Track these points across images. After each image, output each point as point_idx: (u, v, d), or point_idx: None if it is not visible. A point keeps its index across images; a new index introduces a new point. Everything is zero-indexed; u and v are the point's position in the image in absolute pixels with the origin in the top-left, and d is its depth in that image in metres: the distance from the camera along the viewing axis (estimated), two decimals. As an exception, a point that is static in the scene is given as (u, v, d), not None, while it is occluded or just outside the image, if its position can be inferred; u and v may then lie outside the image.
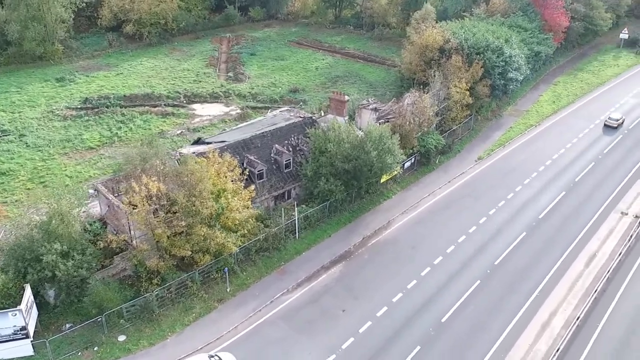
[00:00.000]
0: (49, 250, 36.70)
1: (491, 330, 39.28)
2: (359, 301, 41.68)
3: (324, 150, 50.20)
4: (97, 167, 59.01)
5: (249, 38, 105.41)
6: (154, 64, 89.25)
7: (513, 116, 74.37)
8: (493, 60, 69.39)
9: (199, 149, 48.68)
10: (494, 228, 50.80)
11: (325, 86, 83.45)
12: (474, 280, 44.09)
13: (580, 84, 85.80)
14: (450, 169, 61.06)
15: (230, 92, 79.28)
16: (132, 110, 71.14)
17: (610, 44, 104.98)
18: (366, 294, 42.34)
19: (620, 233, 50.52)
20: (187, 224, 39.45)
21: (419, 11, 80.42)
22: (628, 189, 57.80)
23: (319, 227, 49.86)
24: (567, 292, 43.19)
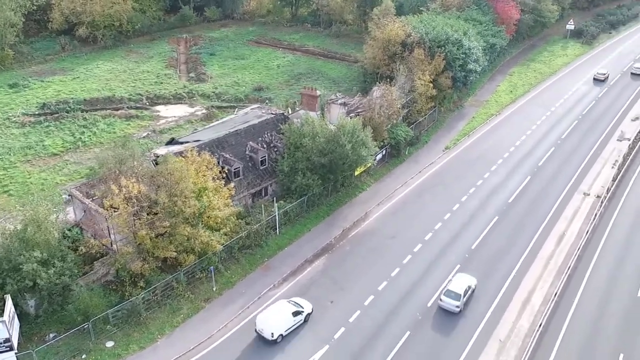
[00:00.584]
0: (28, 258, 35.52)
1: (476, 311, 40.56)
2: (345, 292, 42.20)
3: (300, 145, 50.46)
4: (63, 174, 57.13)
5: (207, 38, 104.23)
6: (111, 66, 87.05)
7: (474, 106, 76.61)
8: (454, 52, 71.33)
9: (174, 149, 48.04)
10: (467, 214, 52.34)
11: (288, 84, 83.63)
12: (454, 265, 45.37)
13: (534, 73, 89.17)
14: (420, 159, 62.43)
15: (193, 92, 78.28)
16: (93, 114, 69.21)
17: (557, 35, 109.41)
18: (352, 285, 42.90)
19: (585, 213, 52.98)
20: (171, 225, 38.88)
21: (379, 7, 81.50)
22: (587, 171, 60.63)
23: (298, 222, 50.09)
24: (542, 271, 45.03)
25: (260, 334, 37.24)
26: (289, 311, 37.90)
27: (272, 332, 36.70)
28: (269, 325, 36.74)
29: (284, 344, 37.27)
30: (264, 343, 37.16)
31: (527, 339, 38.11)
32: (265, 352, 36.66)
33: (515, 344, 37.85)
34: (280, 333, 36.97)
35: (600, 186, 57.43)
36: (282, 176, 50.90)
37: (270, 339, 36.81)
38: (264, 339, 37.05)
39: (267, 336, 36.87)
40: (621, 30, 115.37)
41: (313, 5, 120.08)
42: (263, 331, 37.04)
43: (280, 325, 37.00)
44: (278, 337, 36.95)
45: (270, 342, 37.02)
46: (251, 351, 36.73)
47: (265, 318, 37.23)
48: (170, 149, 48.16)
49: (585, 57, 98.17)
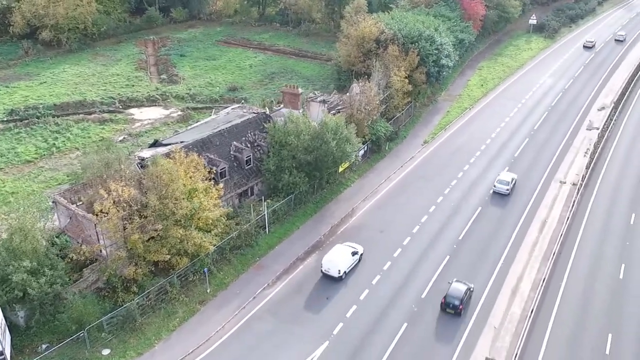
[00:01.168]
0: (17, 268, 34.40)
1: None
2: (340, 287, 42.37)
3: (285, 143, 50.32)
4: (39, 181, 55.52)
5: (175, 39, 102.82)
6: (79, 70, 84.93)
7: (447, 101, 77.94)
8: (427, 48, 72.37)
9: (158, 151, 47.20)
10: (451, 205, 53.26)
11: (262, 83, 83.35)
12: (444, 256, 46.11)
13: (502, 67, 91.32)
14: (400, 154, 63.16)
15: (167, 94, 77.14)
16: (66, 119, 67.45)
17: (520, 29, 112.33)
18: (346, 280, 43.08)
19: (563, 200, 54.63)
20: (163, 227, 38.24)
21: (351, 4, 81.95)
22: (561, 160, 62.53)
23: (287, 221, 49.99)
24: (528, 257, 46.24)
25: (326, 273, 42.70)
26: (349, 252, 43.65)
27: (339, 269, 42.35)
28: (335, 265, 42.32)
29: (346, 279, 42.93)
30: (330, 280, 42.68)
31: (520, 325, 39.07)
32: (332, 286, 42.28)
33: (509, 330, 38.76)
34: (345, 270, 42.71)
35: (575, 174, 59.30)
36: (268, 175, 50.68)
37: (337, 275, 42.39)
38: (330, 277, 42.54)
39: (333, 274, 42.45)
40: (580, 23, 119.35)
41: (280, 4, 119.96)
42: (330, 270, 42.56)
43: (344, 264, 42.73)
44: (343, 274, 42.40)
45: (336, 278, 42.32)
46: (320, 287, 42.34)
47: (330, 259, 42.57)
48: (154, 151, 47.30)
49: (549, 51, 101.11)
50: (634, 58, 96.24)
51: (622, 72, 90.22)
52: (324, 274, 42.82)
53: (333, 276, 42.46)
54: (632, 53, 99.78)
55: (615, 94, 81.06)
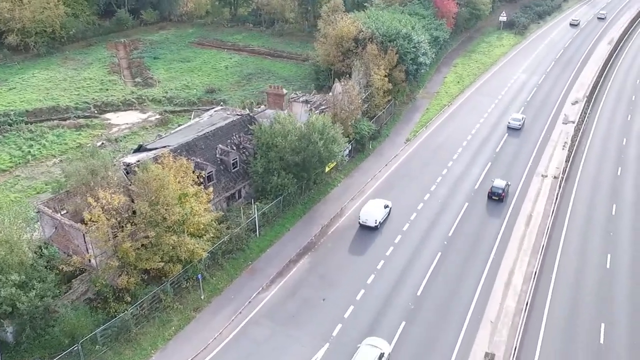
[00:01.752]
0: (5, 282, 33.06)
1: (464, 296, 41.62)
2: (336, 288, 42.15)
3: (272, 145, 49.78)
4: (16, 190, 53.70)
5: (146, 42, 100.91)
6: (49, 75, 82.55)
7: (426, 98, 78.53)
8: (405, 46, 72.73)
9: (143, 156, 46.11)
10: (438, 202, 53.60)
11: (240, 84, 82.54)
12: (435, 252, 46.35)
13: (476, 64, 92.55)
14: (384, 152, 63.30)
15: (143, 97, 75.58)
16: (40, 126, 65.46)
17: (491, 26, 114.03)
18: (341, 280, 42.90)
19: (546, 193, 55.59)
20: (156, 234, 37.32)
21: (328, 4, 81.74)
22: (541, 154, 63.67)
23: (276, 223, 49.50)
24: (518, 252, 46.85)
25: (364, 224, 48.72)
26: (382, 205, 50.14)
27: (376, 219, 48.45)
28: (372, 216, 48.63)
29: (380, 228, 49.06)
30: (367, 229, 48.69)
31: (516, 318, 39.52)
32: (369, 235, 48.35)
33: (505, 324, 39.15)
34: (380, 220, 48.87)
35: (555, 167, 60.43)
36: (256, 177, 50.07)
37: (374, 225, 48.51)
38: (367, 227, 48.66)
39: (370, 224, 48.65)
40: (548, 20, 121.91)
41: (252, 5, 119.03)
42: (367, 221, 48.71)
43: (379, 215, 48.99)
44: (378, 224, 48.34)
45: (372, 228, 48.33)
46: (359, 236, 48.26)
47: (367, 211, 48.95)
48: (139, 156, 46.17)
49: (520, 47, 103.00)
50: (602, 53, 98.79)
51: (591, 67, 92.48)
52: (362, 225, 48.76)
53: (370, 226, 48.50)
54: (599, 48, 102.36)
55: (586, 88, 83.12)
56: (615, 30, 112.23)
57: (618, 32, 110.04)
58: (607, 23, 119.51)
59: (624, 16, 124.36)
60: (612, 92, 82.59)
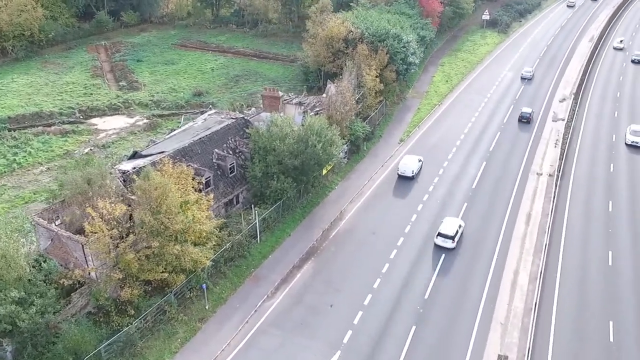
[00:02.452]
0: (4, 299, 31.58)
1: (471, 298, 41.31)
2: (342, 293, 41.43)
3: (270, 148, 48.82)
4: (2, 200, 51.79)
5: (128, 44, 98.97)
6: (29, 80, 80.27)
7: (416, 98, 78.34)
8: (395, 46, 72.36)
9: (139, 162, 44.76)
10: (437, 203, 53.29)
11: (227, 87, 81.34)
12: (439, 254, 45.97)
13: (463, 62, 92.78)
14: (379, 153, 62.83)
15: (129, 101, 73.83)
16: (23, 133, 63.41)
17: (474, 25, 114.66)
18: (347, 285, 42.21)
19: (543, 191, 55.75)
20: (159, 244, 36.10)
21: (316, 4, 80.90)
22: (534, 152, 63.91)
23: (277, 228, 48.59)
24: (521, 251, 46.77)
25: (402, 174, 56.95)
26: (416, 159, 58.15)
27: (412, 170, 56.77)
28: (409, 168, 56.82)
29: (416, 178, 57.07)
30: (405, 179, 56.88)
31: (525, 319, 39.34)
32: (407, 183, 56.31)
33: (515, 325, 38.93)
34: (415, 171, 57.07)
35: (549, 165, 60.72)
36: (255, 182, 49.05)
37: (410, 175, 56.69)
38: (405, 177, 56.87)
39: (408, 174, 56.80)
40: (529, 18, 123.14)
41: (235, 5, 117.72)
42: (405, 172, 56.91)
43: (415, 167, 57.13)
44: (414, 175, 56.67)
45: (409, 178, 56.56)
46: (399, 185, 56.13)
47: (404, 164, 57.23)
48: (135, 163, 44.79)
49: (504, 45, 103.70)
50: (584, 49, 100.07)
51: (574, 64, 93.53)
52: (400, 176, 57.00)
53: (408, 176, 56.82)
54: (581, 45, 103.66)
55: (572, 86, 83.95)
56: (594, 28, 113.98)
57: (597, 30, 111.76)
58: (588, 18, 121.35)
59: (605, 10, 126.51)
60: (597, 90, 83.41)
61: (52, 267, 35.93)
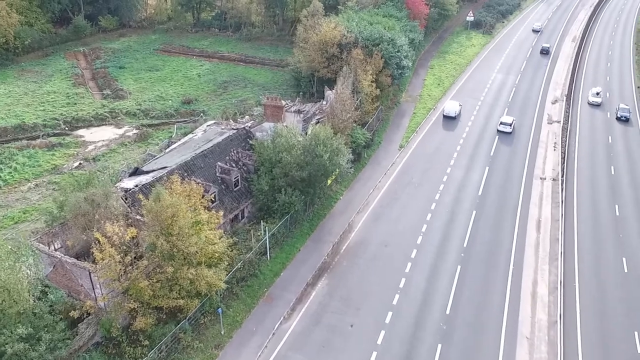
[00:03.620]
0: (11, 337, 29.10)
1: (493, 311, 40.24)
2: (362, 312, 39.87)
3: (276, 160, 46.94)
4: (-11, 221, 48.60)
5: (108, 50, 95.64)
6: (7, 89, 76.59)
7: (410, 102, 77.30)
8: (390, 50, 71.14)
9: (141, 180, 42.41)
10: (446, 211, 52.18)
11: (216, 93, 79.04)
12: (455, 266, 44.81)
13: (452, 65, 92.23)
14: (380, 160, 61.50)
15: (116, 111, 70.86)
16: (7, 147, 60.01)
17: (458, 26, 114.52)
18: (365, 303, 40.65)
19: (549, 196, 55.22)
20: (174, 269, 33.95)
21: (307, 8, 79.07)
22: (534, 156, 63.50)
23: (285, 243, 46.73)
24: (535, 259, 45.97)
25: (447, 115, 71.42)
26: (457, 104, 72.86)
27: (455, 111, 71.67)
28: (453, 110, 71.76)
29: (458, 118, 70.88)
30: (449, 119, 71.31)
31: (551, 332, 38.44)
32: (451, 122, 70.83)
33: (541, 339, 37.99)
34: (457, 112, 71.81)
35: (551, 169, 60.32)
36: (261, 196, 47.06)
37: (453, 115, 71.51)
38: (449, 117, 71.41)
39: (451, 115, 71.57)
40: (511, 19, 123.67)
41: (216, 9, 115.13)
42: (450, 112, 71.60)
43: (457, 109, 72.01)
44: (456, 115, 71.37)
45: (453, 118, 71.21)
46: (445, 123, 69.54)
47: (448, 106, 72.12)
48: (137, 180, 42.40)
49: (490, 47, 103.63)
50: (568, 50, 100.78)
51: (561, 64, 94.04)
52: (445, 116, 71.46)
53: (452, 116, 71.28)
54: (564, 47, 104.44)
55: (562, 87, 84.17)
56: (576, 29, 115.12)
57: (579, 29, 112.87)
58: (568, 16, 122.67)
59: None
60: (586, 90, 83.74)
61: (58, 298, 33.36)
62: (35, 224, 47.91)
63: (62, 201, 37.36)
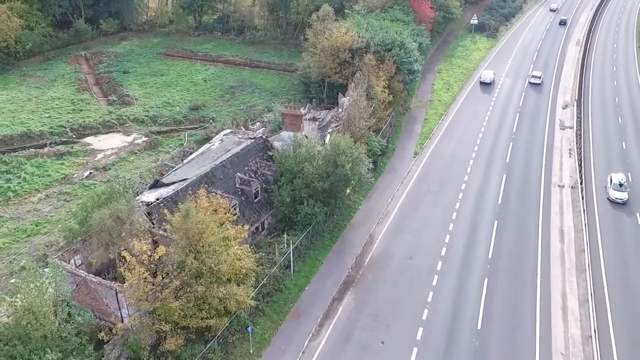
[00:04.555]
0: (40, 363, 27.81)
1: (525, 326, 39.40)
2: (392, 328, 38.88)
3: (298, 171, 45.87)
4: (2, 234, 47.19)
5: (110, 54, 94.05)
6: (10, 95, 74.94)
7: (420, 107, 76.51)
8: (401, 55, 70.30)
9: (162, 193, 41.19)
10: (467, 222, 51.35)
11: (224, 99, 77.89)
12: (481, 278, 43.98)
13: (459, 69, 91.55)
14: (396, 168, 60.62)
15: (123, 118, 69.43)
16: (14, 156, 58.42)
17: (461, 30, 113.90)
18: (394, 319, 39.68)
19: (569, 205, 54.53)
20: (205, 288, 32.80)
21: (317, 12, 77.99)
22: (550, 162, 62.82)
23: (307, 256, 45.69)
24: (562, 271, 45.21)
25: (483, 81, 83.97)
26: (492, 72, 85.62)
27: (491, 78, 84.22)
28: (488, 77, 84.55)
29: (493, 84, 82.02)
30: (484, 84, 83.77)
31: (586, 347, 37.65)
32: (486, 86, 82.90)
33: (577, 355, 37.20)
34: (492, 79, 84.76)
35: (569, 177, 59.68)
36: (283, 208, 45.96)
37: (488, 81, 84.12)
38: (485, 83, 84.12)
39: (488, 81, 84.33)
40: (513, 21, 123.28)
41: (218, 12, 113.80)
42: (486, 79, 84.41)
43: (492, 77, 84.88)
44: (491, 81, 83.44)
45: (488, 83, 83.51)
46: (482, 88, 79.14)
47: (485, 75, 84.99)
48: (158, 193, 41.17)
49: (496, 50, 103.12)
50: (574, 53, 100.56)
51: (567, 69, 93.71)
52: (481, 82, 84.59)
53: (487, 82, 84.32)
54: (570, 46, 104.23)
55: (572, 92, 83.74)
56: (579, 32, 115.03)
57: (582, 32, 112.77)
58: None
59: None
60: (595, 95, 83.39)
61: (86, 320, 32.04)
62: (49, 237, 46.59)
63: (83, 217, 36.05)
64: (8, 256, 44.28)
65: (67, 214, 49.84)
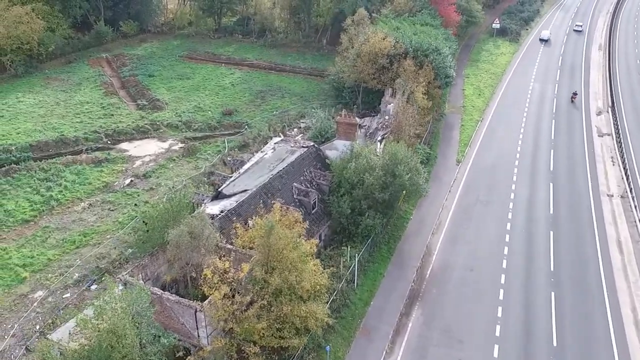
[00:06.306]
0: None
1: (600, 343, 38.40)
2: (466, 345, 37.78)
3: (358, 181, 44.67)
4: (49, 246, 45.75)
5: (132, 57, 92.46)
6: (36, 99, 73.26)
7: (455, 113, 75.54)
8: (438, 60, 69.23)
9: (226, 204, 39.90)
10: (522, 232, 50.36)
11: (255, 104, 76.56)
12: (548, 292, 42.97)
13: (487, 74, 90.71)
14: (441, 176, 59.58)
15: (157, 123, 67.94)
16: (52, 163, 56.80)
17: (482, 34, 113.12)
18: (467, 335, 38.56)
19: (622, 215, 53.65)
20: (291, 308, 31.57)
21: (352, 17, 76.84)
22: (594, 171, 61.93)
23: (368, 269, 44.52)
24: (627, 284, 44.29)
25: (542, 38, 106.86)
26: (549, 32, 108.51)
27: (548, 37, 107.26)
28: (546, 35, 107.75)
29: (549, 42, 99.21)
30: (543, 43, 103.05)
31: (667, 365, 36.76)
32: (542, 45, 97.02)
33: (659, 373, 36.30)
34: (549, 37, 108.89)
35: (616, 186, 58.84)
36: (342, 219, 44.74)
37: (545, 38, 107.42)
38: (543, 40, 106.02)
39: (545, 38, 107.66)
40: (533, 25, 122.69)
41: (238, 14, 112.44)
42: (544, 36, 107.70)
43: (549, 35, 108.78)
44: (548, 39, 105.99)
45: (546, 40, 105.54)
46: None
47: (543, 33, 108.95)
48: (221, 205, 39.86)
49: (520, 54, 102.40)
50: (597, 57, 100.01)
51: (594, 73, 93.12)
52: (540, 39, 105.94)
53: (545, 39, 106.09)
54: (594, 50, 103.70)
55: (603, 97, 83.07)
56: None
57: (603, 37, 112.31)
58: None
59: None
60: (627, 101, 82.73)
61: (171, 342, 30.65)
62: (99, 249, 45.17)
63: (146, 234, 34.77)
64: (59, 269, 42.81)
65: (114, 224, 48.59)
